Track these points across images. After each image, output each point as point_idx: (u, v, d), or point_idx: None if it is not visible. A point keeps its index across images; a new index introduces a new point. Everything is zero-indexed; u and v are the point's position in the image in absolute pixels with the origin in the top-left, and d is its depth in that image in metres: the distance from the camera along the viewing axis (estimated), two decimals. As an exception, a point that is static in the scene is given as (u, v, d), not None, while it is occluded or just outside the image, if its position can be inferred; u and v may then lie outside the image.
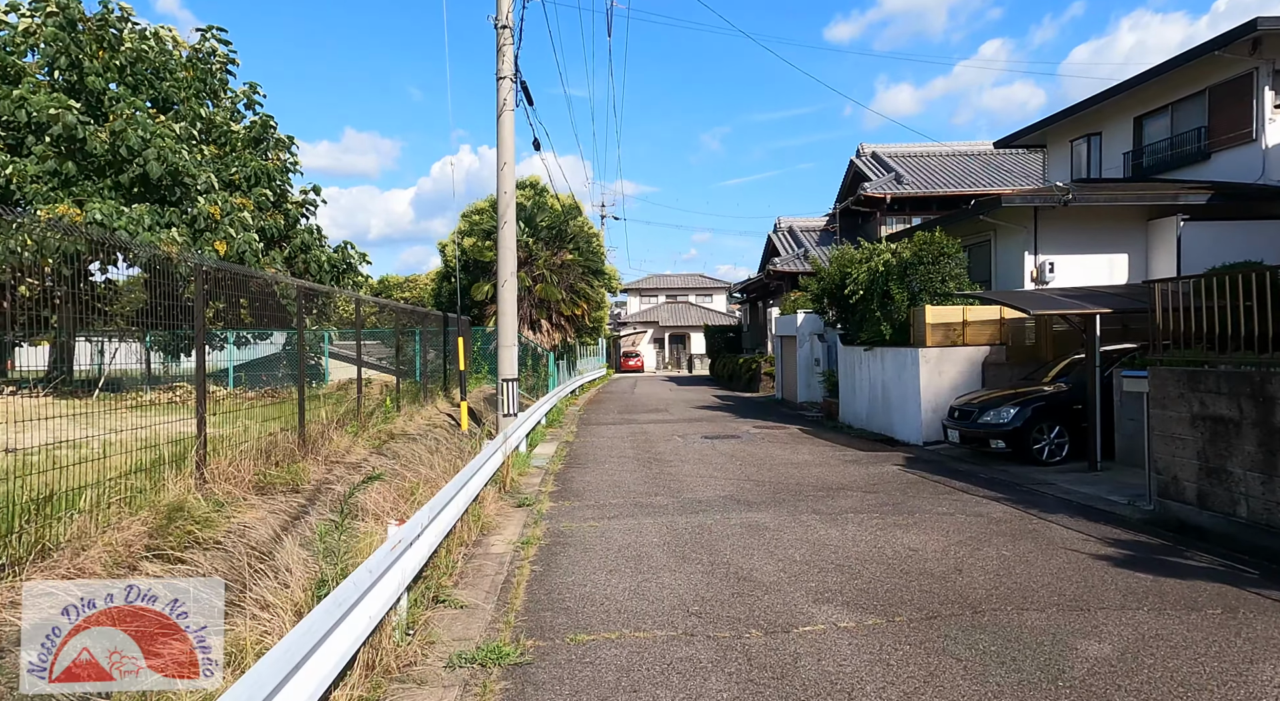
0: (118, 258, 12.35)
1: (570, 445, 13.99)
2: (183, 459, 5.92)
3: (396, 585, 4.39)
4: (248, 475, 6.53)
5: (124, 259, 12.24)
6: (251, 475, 6.56)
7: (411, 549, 4.98)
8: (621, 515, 8.04)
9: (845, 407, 16.81)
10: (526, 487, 9.81)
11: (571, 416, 19.42)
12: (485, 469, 8.54)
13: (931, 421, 12.99)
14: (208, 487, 5.85)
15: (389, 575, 4.21)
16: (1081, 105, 17.61)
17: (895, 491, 8.97)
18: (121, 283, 15.73)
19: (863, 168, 29.19)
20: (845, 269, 16.31)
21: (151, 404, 8.57)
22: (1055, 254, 14.01)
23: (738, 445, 13.33)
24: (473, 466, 7.69)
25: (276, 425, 8.20)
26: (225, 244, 16.86)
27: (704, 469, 10.87)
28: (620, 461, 11.86)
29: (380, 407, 11.52)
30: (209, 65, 19.64)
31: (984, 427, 10.93)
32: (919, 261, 13.87)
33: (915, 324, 13.71)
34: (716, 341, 37.60)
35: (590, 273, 23.28)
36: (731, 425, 16.55)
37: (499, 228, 13.20)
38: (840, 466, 10.93)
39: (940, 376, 13.08)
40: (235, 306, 11.68)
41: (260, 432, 7.85)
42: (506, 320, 13.24)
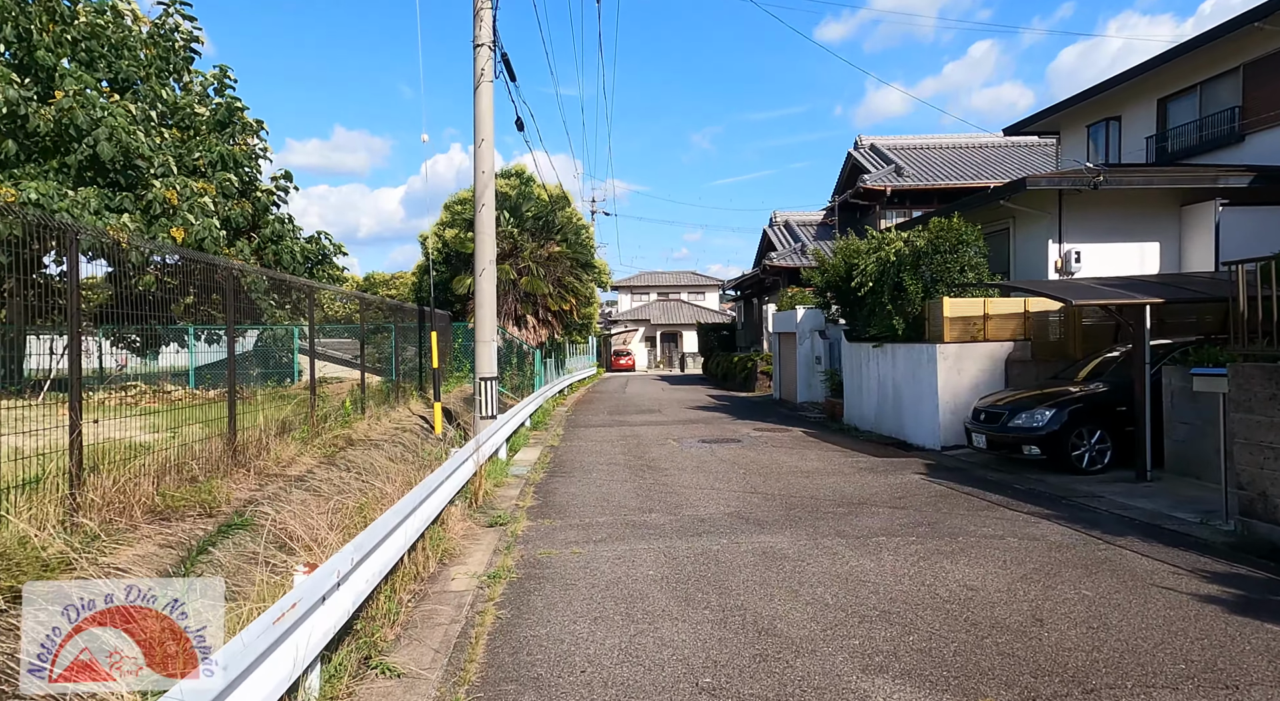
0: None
1: (555, 450, 12.67)
2: (46, 479, 4.57)
3: (290, 666, 3.08)
4: (145, 497, 5.18)
5: (57, 244, 10.88)
6: (150, 497, 5.22)
7: (327, 603, 3.67)
8: (611, 538, 6.74)
9: (850, 408, 15.57)
10: (502, 502, 8.50)
11: (559, 418, 18.10)
12: (451, 482, 7.23)
13: (950, 424, 11.75)
14: (79, 517, 4.51)
15: (272, 658, 2.90)
16: (1099, 88, 16.42)
17: (926, 507, 7.70)
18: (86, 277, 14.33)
19: (861, 160, 28.00)
20: (851, 260, 15.06)
21: (100, 405, 7.23)
22: (1081, 242, 12.80)
23: (738, 450, 12.05)
24: (432, 481, 6.38)
25: (205, 431, 6.85)
26: (183, 230, 15.44)
27: (704, 478, 9.58)
28: (610, 469, 10.56)
29: (340, 410, 10.17)
30: (171, 43, 18.19)
31: (1016, 432, 9.68)
32: (935, 250, 12.62)
33: (931, 318, 12.47)
34: (710, 339, 36.34)
35: (579, 266, 21.93)
36: (729, 427, 15.27)
37: (476, 211, 11.88)
38: (856, 475, 9.66)
39: (959, 375, 11.84)
40: (202, 298, 10.37)
41: (185, 440, 6.52)
42: (485, 313, 11.92)
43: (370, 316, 19.88)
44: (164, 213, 15.70)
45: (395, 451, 9.56)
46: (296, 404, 9.43)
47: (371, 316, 20.06)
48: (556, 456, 11.96)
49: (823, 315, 19.70)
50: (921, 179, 26.10)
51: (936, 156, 28.14)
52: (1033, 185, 12.20)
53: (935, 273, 12.55)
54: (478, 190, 11.83)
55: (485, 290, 11.90)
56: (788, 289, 25.23)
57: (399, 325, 16.70)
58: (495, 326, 12.17)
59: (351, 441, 9.32)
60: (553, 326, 20.97)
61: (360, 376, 11.54)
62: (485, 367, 11.90)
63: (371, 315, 19.81)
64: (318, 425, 9.04)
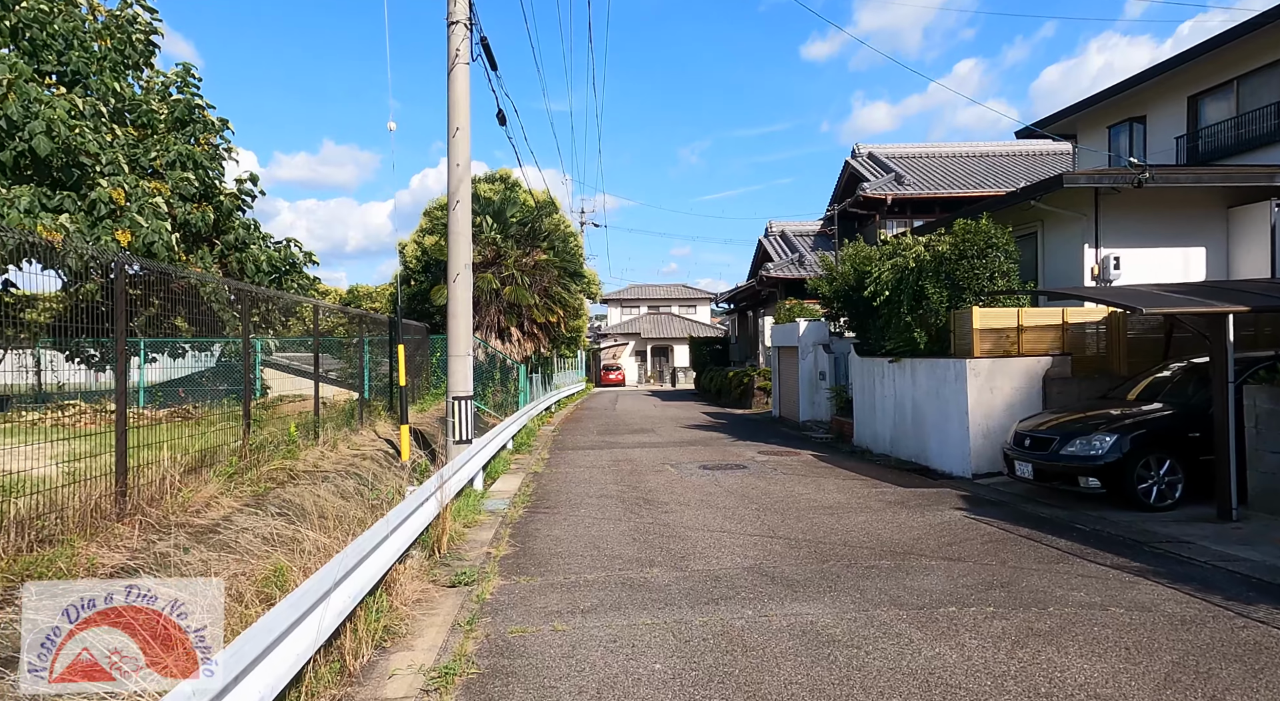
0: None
1: (539, 478, 11.16)
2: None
3: None
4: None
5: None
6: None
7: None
8: (603, 605, 5.25)
9: (861, 429, 14.16)
10: (471, 549, 6.98)
11: (544, 438, 16.58)
12: (404, 531, 5.72)
13: (983, 449, 10.35)
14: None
15: None
16: (1122, 86, 15.25)
17: (986, 557, 6.26)
18: None
19: (859, 168, 26.82)
20: (863, 268, 13.72)
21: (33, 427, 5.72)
22: (1119, 247, 11.51)
23: (746, 478, 10.58)
24: (375, 534, 4.88)
25: (95, 466, 5.32)
26: (129, 233, 13.90)
27: (711, 516, 8.10)
28: (601, 503, 9.06)
29: (285, 436, 8.61)
30: (128, 33, 16.72)
31: (1069, 461, 8.27)
32: (960, 255, 11.27)
33: (958, 330, 11.11)
34: (702, 354, 34.94)
35: (567, 275, 20.46)
36: (731, 450, 13.80)
37: (450, 209, 10.42)
38: (886, 512, 8.21)
39: (992, 394, 10.46)
40: (166, 309, 8.90)
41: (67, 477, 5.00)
42: (459, 324, 10.44)
43: (335, 327, 18.23)
44: (110, 214, 14.17)
45: (348, 486, 8.03)
46: (227, 429, 7.90)
47: (336, 327, 18.42)
48: (540, 486, 10.44)
49: (827, 328, 18.35)
50: (923, 187, 24.94)
51: (937, 165, 27.02)
52: (1070, 183, 10.89)
53: (962, 280, 11.20)
54: (452, 185, 10.38)
55: (460, 297, 10.43)
56: (785, 301, 23.91)
57: (372, 338, 15.19)
58: (471, 339, 10.69)
59: (295, 474, 7.78)
60: (539, 339, 19.49)
61: (314, 395, 10.00)
62: (460, 385, 10.41)
63: (334, 325, 18.16)
64: (252, 456, 7.50)
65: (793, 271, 24.98)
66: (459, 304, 10.42)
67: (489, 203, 19.27)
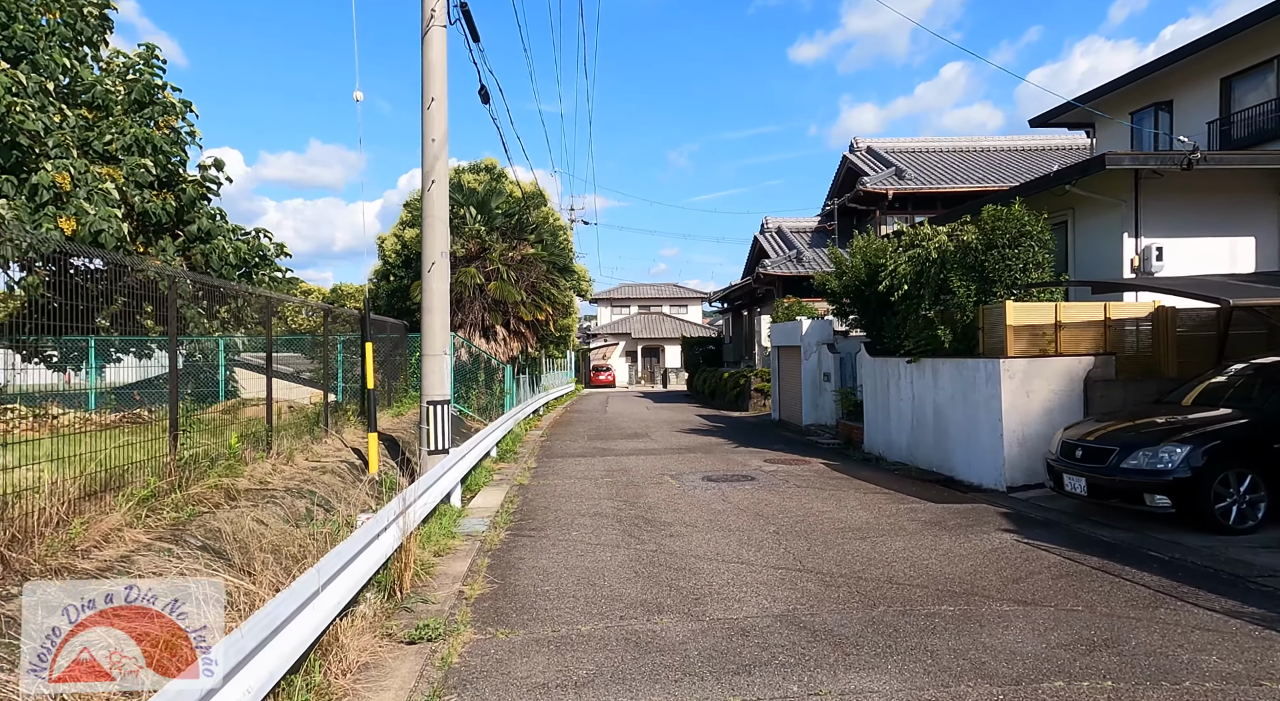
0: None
1: (525, 491, 9.93)
2: None
3: None
4: None
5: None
6: None
7: None
8: (603, 675, 4.04)
9: (873, 434, 13.02)
10: (440, 586, 5.75)
11: (531, 444, 15.34)
12: (348, 576, 4.50)
13: (1018, 458, 9.23)
14: None
15: None
16: (1147, 69, 14.22)
17: (1068, 599, 5.10)
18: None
19: (858, 163, 25.75)
20: (876, 261, 12.60)
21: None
22: (1162, 237, 10.43)
23: (756, 492, 9.40)
24: (300, 589, 3.66)
25: None
26: (74, 221, 12.55)
27: (723, 541, 6.91)
28: (595, 523, 7.84)
29: (228, 448, 7.31)
30: (78, 5, 15.34)
31: (1134, 476, 7.14)
32: (989, 245, 10.15)
33: (987, 326, 9.98)
34: (695, 354, 33.78)
35: (556, 270, 19.19)
36: (735, 458, 12.62)
37: (424, 189, 9.17)
38: (925, 535, 7.05)
39: (1028, 397, 9.33)
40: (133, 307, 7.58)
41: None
42: (434, 320, 9.20)
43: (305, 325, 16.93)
44: (54, 199, 12.80)
45: (298, 507, 6.78)
46: (156, 438, 6.62)
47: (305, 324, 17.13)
48: (526, 501, 9.21)
49: (832, 327, 17.23)
50: (924, 182, 23.90)
51: (937, 160, 25.99)
52: (1113, 164, 9.78)
53: (992, 272, 10.08)
54: (427, 162, 9.14)
55: (436, 290, 9.19)
56: (784, 299, 22.80)
57: (345, 336, 13.92)
58: (449, 336, 9.45)
59: (235, 495, 6.51)
60: (526, 339, 18.24)
61: (268, 399, 8.70)
62: (435, 388, 9.17)
63: (304, 323, 16.87)
64: (182, 472, 6.22)
65: (791, 268, 23.86)
66: (435, 296, 9.18)
67: (472, 193, 18.00)
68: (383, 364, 16.00)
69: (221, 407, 13.48)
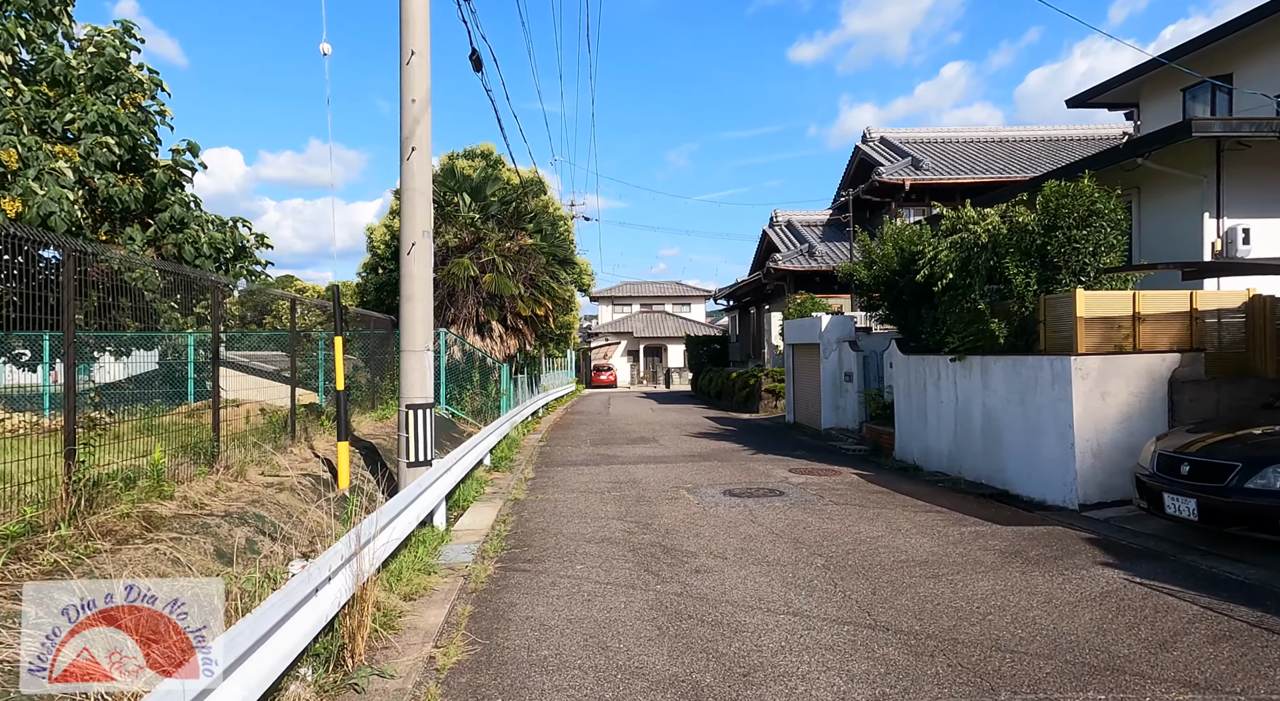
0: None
1: (521, 508, 8.55)
2: None
3: None
4: None
5: None
6: None
7: None
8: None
9: (906, 440, 11.65)
10: (405, 649, 4.37)
11: (529, 450, 13.96)
12: (271, 650, 3.13)
13: (1093, 471, 7.86)
14: None
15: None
16: (1200, 40, 12.85)
17: (1255, 681, 3.74)
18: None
19: (871, 154, 24.40)
20: (912, 248, 11.25)
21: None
22: (1248, 217, 9.07)
23: (789, 511, 8.02)
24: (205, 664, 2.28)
25: None
26: (19, 202, 11.21)
27: (764, 580, 5.53)
28: (603, 553, 6.46)
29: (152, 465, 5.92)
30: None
31: (1261, 498, 5.77)
32: (1051, 226, 8.78)
33: (1050, 319, 8.62)
34: (699, 353, 32.41)
35: (557, 262, 17.79)
36: (756, 467, 11.25)
37: (403, 158, 7.79)
38: (1009, 571, 5.67)
39: (1104, 401, 7.95)
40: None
41: None
42: (415, 308, 7.81)
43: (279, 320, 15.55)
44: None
45: (237, 538, 5.39)
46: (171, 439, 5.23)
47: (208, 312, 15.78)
48: (521, 521, 7.83)
49: (853, 323, 15.86)
50: (942, 173, 22.54)
51: (955, 150, 24.63)
52: (1200, 131, 8.40)
53: (1056, 257, 8.71)
54: (406, 127, 7.75)
55: (417, 274, 7.81)
56: (796, 294, 21.42)
57: (322, 332, 12.56)
58: (432, 329, 8.07)
59: (156, 523, 5.13)
60: (524, 336, 16.84)
61: (214, 403, 7.27)
62: (416, 389, 7.79)
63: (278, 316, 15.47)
64: (74, 499, 4.83)
65: (803, 263, 22.49)
66: (416, 282, 7.80)
67: (466, 179, 16.60)
68: (369, 361, 14.64)
69: (185, 410, 12.08)
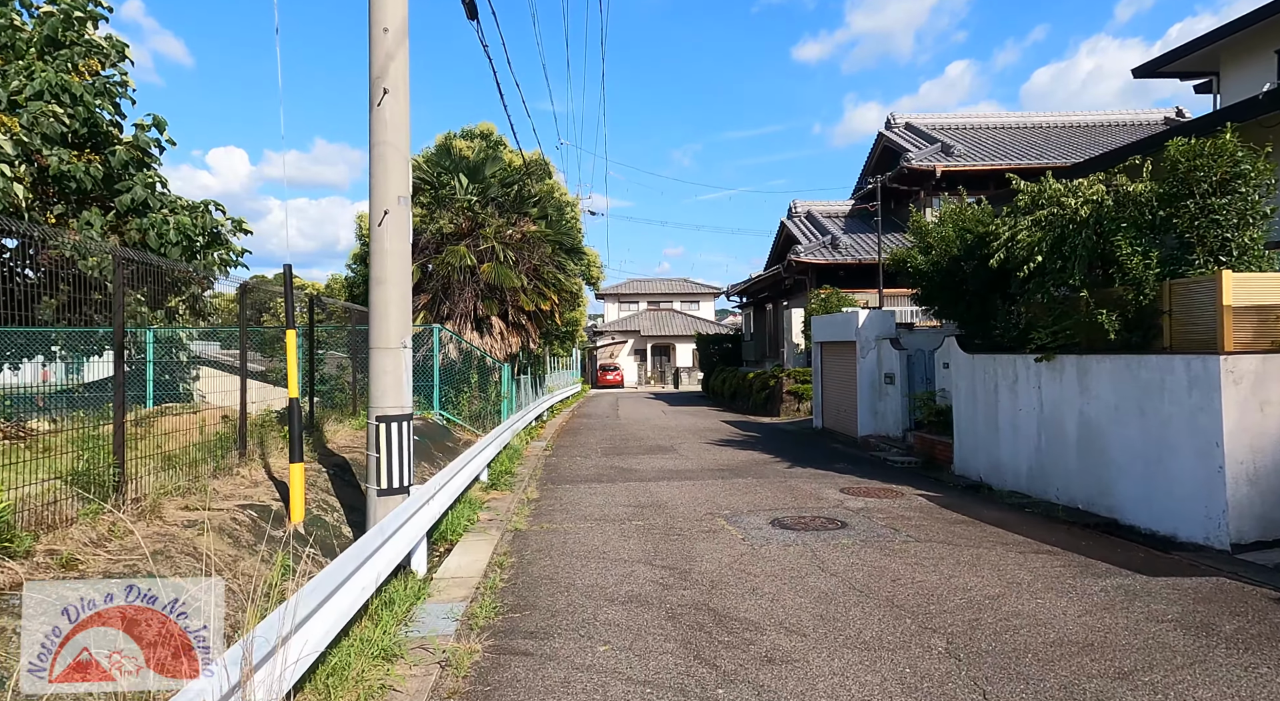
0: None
1: (522, 544, 6.80)
2: None
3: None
4: None
5: None
6: None
7: None
8: None
9: (969, 453, 9.90)
10: None
11: (533, 461, 12.22)
12: None
13: (1249, 501, 6.11)
14: None
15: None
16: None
17: None
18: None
19: (897, 140, 22.65)
20: (978, 229, 9.53)
21: None
22: None
23: (863, 553, 6.26)
24: None
25: None
26: (-61, 177, 9.50)
27: (869, 677, 3.78)
28: (631, 621, 4.71)
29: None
30: (-27, -79, 12.24)
31: None
32: (1174, 196, 7.02)
33: (1179, 309, 6.86)
34: (711, 352, 30.67)
35: (563, 251, 16.06)
36: (799, 486, 9.49)
37: (372, 103, 6.04)
38: (1212, 662, 3.92)
39: (1262, 412, 6.19)
40: None
41: None
42: (387, 293, 6.08)
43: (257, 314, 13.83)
44: (-83, 150, 9.73)
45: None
46: None
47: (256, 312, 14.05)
48: (523, 568, 6.07)
49: (893, 318, 14.10)
50: (975, 159, 20.79)
51: (986, 136, 22.86)
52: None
53: (1186, 231, 6.95)
54: (377, 64, 6.01)
55: (390, 251, 6.06)
56: (819, 289, 19.68)
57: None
58: (409, 319, 6.32)
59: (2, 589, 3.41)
60: (527, 332, 15.12)
61: (116, 414, 5.49)
62: (388, 395, 6.05)
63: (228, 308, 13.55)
64: None
65: (826, 256, 20.73)
66: (389, 261, 6.06)
67: (463, 159, 14.86)
68: (354, 360, 12.94)
69: (135, 416, 10.36)
